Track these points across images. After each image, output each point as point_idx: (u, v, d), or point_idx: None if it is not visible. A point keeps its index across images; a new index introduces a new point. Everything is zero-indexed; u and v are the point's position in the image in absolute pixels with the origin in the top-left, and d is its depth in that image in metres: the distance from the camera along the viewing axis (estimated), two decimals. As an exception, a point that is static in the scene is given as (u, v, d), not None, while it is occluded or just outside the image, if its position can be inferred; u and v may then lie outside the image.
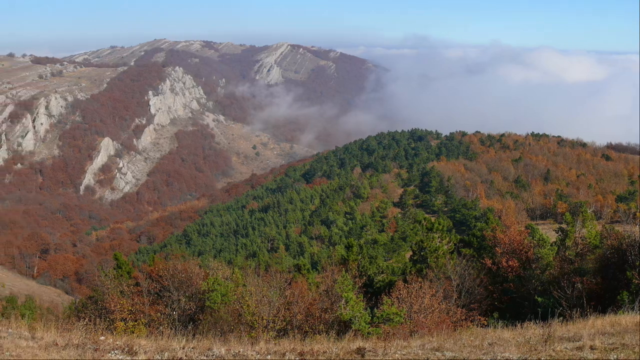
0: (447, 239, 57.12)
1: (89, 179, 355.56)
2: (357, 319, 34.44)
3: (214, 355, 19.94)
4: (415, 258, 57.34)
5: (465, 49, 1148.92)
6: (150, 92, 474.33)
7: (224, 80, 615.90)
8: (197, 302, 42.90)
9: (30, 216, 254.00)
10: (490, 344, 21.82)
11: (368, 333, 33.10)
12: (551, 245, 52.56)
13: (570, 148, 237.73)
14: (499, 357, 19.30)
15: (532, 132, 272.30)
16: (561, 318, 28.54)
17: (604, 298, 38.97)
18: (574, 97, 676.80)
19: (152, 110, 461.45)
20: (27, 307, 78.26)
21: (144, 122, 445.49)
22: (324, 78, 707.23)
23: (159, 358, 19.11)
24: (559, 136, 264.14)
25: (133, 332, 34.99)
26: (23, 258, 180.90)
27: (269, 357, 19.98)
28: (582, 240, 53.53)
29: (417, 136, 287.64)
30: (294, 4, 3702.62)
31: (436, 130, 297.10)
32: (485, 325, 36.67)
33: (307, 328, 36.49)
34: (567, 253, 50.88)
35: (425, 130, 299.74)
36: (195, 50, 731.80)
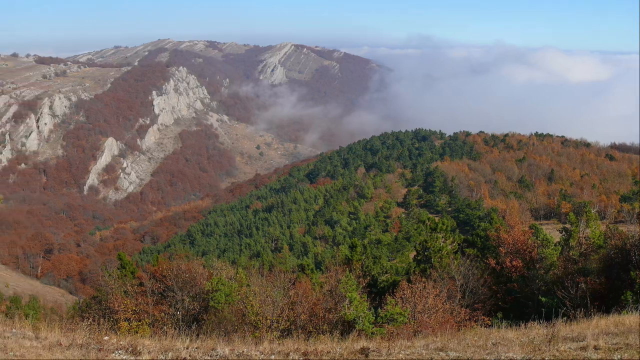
0: (451, 239, 57.06)
1: (92, 179, 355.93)
2: (361, 319, 34.42)
3: (217, 355, 19.93)
4: (419, 258, 57.37)
5: (469, 49, 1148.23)
6: (154, 92, 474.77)
7: (227, 80, 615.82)
8: (201, 302, 42.88)
9: (34, 216, 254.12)
10: (494, 344, 21.80)
11: (372, 333, 33.08)
12: (555, 245, 52.41)
13: (574, 148, 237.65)
14: (502, 357, 19.28)
15: (536, 132, 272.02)
16: (565, 318, 28.46)
17: (607, 298, 38.94)
18: (578, 97, 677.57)
19: (156, 110, 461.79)
20: (31, 307, 78.42)
21: (147, 122, 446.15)
22: (327, 78, 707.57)
23: (163, 358, 19.11)
24: (562, 136, 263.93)
25: (137, 332, 34.98)
26: (27, 258, 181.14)
27: (272, 357, 19.97)
28: (586, 240, 53.33)
29: (421, 136, 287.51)
30: (298, 4, 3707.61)
31: (440, 130, 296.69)
32: (489, 325, 36.66)
33: (311, 328, 36.52)
34: (571, 253, 50.77)
35: (429, 130, 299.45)
36: (199, 50, 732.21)
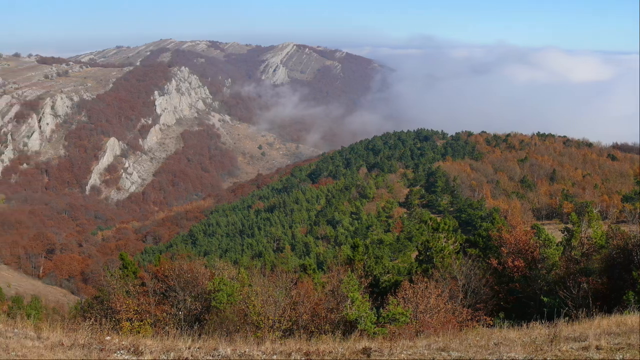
0: (453, 239, 57.03)
1: (94, 179, 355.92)
2: (363, 319, 34.41)
3: (219, 355, 19.94)
4: (421, 258, 57.35)
5: (471, 49, 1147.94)
6: (156, 92, 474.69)
7: (229, 80, 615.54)
8: (203, 302, 42.84)
9: (36, 216, 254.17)
10: (496, 344, 21.80)
11: (374, 333, 33.07)
12: (557, 245, 52.39)
13: (576, 148, 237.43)
14: (504, 357, 19.28)
15: (538, 132, 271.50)
16: (567, 318, 28.44)
17: (609, 298, 38.95)
18: (580, 97, 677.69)
19: (158, 110, 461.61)
20: (33, 307, 78.49)
21: (149, 122, 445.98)
22: (329, 78, 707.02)
23: (165, 358, 19.12)
24: (564, 136, 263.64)
25: (139, 332, 34.98)
26: (29, 258, 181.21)
27: (275, 357, 19.99)
28: (588, 240, 53.36)
29: (423, 136, 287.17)
30: (300, 4, 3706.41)
31: (442, 130, 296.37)
32: (491, 325, 36.63)
33: (313, 328, 36.49)
34: (573, 253, 50.80)
35: (431, 130, 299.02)
36: (201, 50, 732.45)
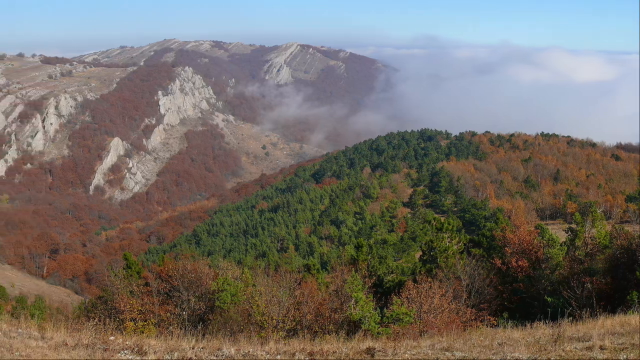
0: (457, 239, 56.95)
1: (98, 179, 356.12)
2: (366, 319, 34.42)
3: (223, 355, 19.97)
4: (424, 258, 57.23)
5: (475, 49, 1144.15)
6: (159, 92, 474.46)
7: (233, 80, 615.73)
8: (207, 302, 42.84)
9: (40, 216, 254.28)
10: (499, 344, 21.80)
11: (378, 333, 33.08)
12: (561, 245, 52.36)
13: (579, 148, 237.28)
14: (508, 357, 19.28)
15: (542, 132, 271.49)
16: (571, 318, 28.44)
17: (613, 298, 38.92)
18: (584, 97, 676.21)
19: (162, 110, 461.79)
20: (37, 307, 78.61)
21: (153, 122, 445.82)
22: (333, 78, 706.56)
23: (169, 358, 19.15)
24: (568, 136, 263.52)
25: (143, 332, 35.00)
26: (33, 258, 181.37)
27: (278, 357, 20.00)
28: (592, 240, 53.24)
29: (427, 136, 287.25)
30: (304, 4, 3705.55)
31: (446, 130, 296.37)
32: (495, 325, 36.55)
33: (317, 328, 36.49)
34: (576, 253, 50.76)
35: (435, 130, 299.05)
36: (204, 50, 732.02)
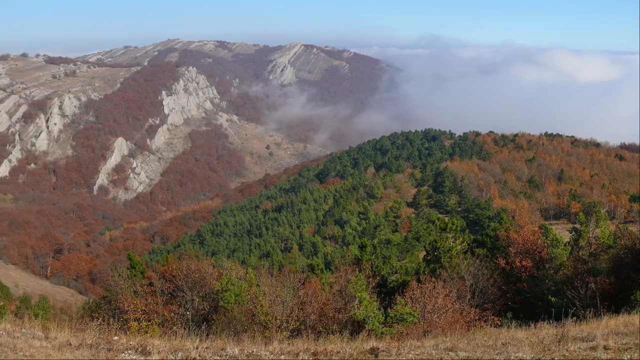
0: (461, 239, 56.97)
1: (102, 179, 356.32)
2: (370, 319, 34.40)
3: (227, 355, 19.95)
4: (428, 258, 57.29)
5: (479, 49, 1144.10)
6: (163, 92, 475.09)
7: (237, 80, 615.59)
8: (211, 302, 42.84)
9: (44, 216, 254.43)
10: (503, 344, 21.76)
11: (382, 333, 33.06)
12: (565, 245, 52.27)
13: (583, 148, 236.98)
14: (512, 357, 19.25)
15: (546, 132, 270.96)
16: (575, 318, 28.36)
17: (617, 298, 38.80)
18: (588, 97, 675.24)
19: (166, 110, 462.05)
20: (41, 307, 78.49)
21: (157, 122, 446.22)
22: (337, 78, 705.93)
23: (173, 358, 19.14)
24: (572, 136, 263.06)
25: (147, 332, 34.98)
26: (37, 258, 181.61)
27: (282, 357, 19.99)
28: (596, 240, 53.08)
29: (431, 136, 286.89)
30: (308, 4, 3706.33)
31: (450, 130, 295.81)
32: (499, 325, 36.48)
33: (321, 328, 36.47)
34: (580, 253, 50.63)
35: (439, 130, 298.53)
36: (208, 50, 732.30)
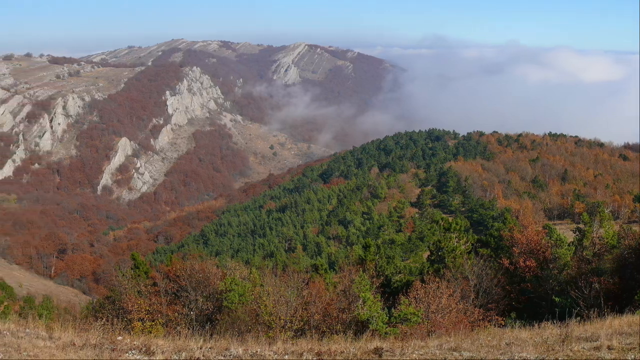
0: (465, 239, 56.93)
1: (106, 179, 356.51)
2: (374, 319, 34.41)
3: (231, 355, 19.96)
4: (432, 258, 57.18)
5: (483, 49, 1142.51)
6: (167, 92, 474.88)
7: (241, 80, 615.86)
8: (215, 302, 42.87)
9: (48, 216, 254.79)
10: (507, 344, 21.75)
11: (385, 333, 33.06)
12: (569, 245, 52.32)
13: (587, 148, 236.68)
14: (516, 357, 19.24)
15: (550, 132, 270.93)
16: (579, 318, 28.35)
17: (621, 298, 38.77)
18: (592, 97, 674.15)
19: (170, 110, 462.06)
20: (45, 307, 78.68)
21: (161, 122, 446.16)
22: (341, 78, 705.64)
23: (177, 358, 19.14)
24: (576, 136, 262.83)
25: (150, 332, 34.99)
26: (40, 258, 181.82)
27: (286, 357, 19.99)
28: (600, 240, 53.10)
29: (435, 136, 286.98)
30: (308, 3, 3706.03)
31: (454, 130, 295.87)
32: (503, 325, 36.47)
33: (325, 328, 36.48)
34: (584, 253, 50.59)
35: (443, 130, 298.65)
36: (212, 50, 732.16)
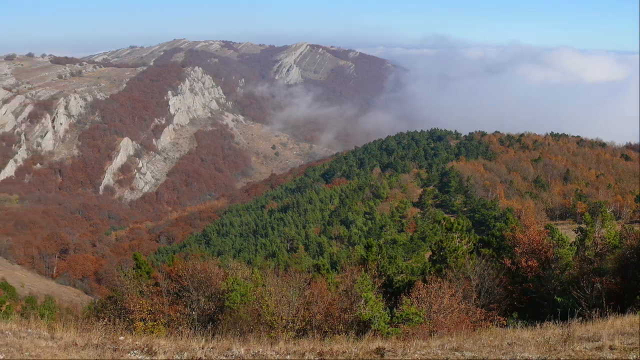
0: (467, 239, 56.93)
1: (108, 179, 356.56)
2: (376, 319, 34.41)
3: (233, 355, 19.95)
4: (434, 258, 57.18)
5: (485, 49, 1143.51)
6: (169, 92, 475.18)
7: (243, 80, 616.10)
8: (217, 302, 42.83)
9: (50, 216, 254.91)
10: (509, 344, 21.74)
11: (387, 333, 33.05)
12: (570, 245, 52.33)
13: (589, 148, 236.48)
14: (518, 357, 19.23)
15: (552, 132, 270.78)
16: (580, 318, 28.30)
17: (623, 298, 38.70)
18: (594, 97, 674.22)
19: (172, 110, 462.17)
20: (47, 307, 78.65)
21: (163, 122, 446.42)
22: (343, 78, 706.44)
23: (178, 358, 19.14)
24: (578, 136, 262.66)
25: (152, 332, 34.99)
26: (42, 258, 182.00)
27: (288, 357, 19.98)
28: (602, 240, 52.99)
29: (437, 136, 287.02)
30: (308, 3, 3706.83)
31: (455, 130, 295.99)
32: (505, 325, 36.49)
33: (327, 328, 36.49)
34: (586, 253, 50.55)
35: (445, 130, 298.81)
36: (214, 50, 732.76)
